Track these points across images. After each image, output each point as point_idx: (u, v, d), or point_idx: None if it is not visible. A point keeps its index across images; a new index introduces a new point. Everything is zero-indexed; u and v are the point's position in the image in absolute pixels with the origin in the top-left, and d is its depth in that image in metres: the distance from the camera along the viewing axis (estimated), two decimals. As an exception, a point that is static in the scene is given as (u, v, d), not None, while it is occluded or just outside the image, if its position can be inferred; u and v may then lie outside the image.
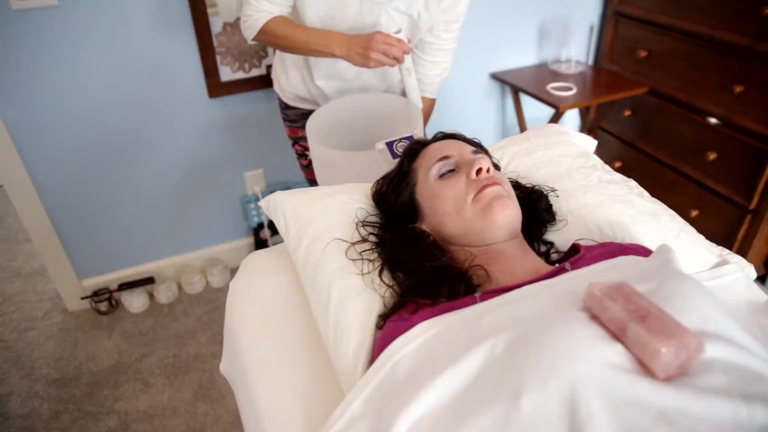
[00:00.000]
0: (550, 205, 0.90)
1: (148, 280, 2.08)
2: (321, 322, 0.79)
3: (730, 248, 1.98)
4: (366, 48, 1.14)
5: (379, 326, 0.73)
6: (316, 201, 0.93)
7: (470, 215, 0.77)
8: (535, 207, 0.88)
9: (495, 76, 2.24)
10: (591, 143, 1.17)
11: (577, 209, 0.90)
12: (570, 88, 2.04)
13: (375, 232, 0.85)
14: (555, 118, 2.05)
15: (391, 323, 0.69)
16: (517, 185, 0.92)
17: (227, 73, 1.87)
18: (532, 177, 0.98)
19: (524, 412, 0.52)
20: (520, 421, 0.52)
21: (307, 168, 1.60)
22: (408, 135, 1.07)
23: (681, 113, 2.05)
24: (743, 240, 1.94)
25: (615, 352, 0.54)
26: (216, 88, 1.87)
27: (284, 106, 1.58)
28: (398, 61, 1.16)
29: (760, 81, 1.75)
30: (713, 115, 1.94)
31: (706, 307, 0.59)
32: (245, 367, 0.84)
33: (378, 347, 0.68)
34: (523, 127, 2.28)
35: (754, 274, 0.93)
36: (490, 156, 0.90)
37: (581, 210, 0.89)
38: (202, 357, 1.85)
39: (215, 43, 1.80)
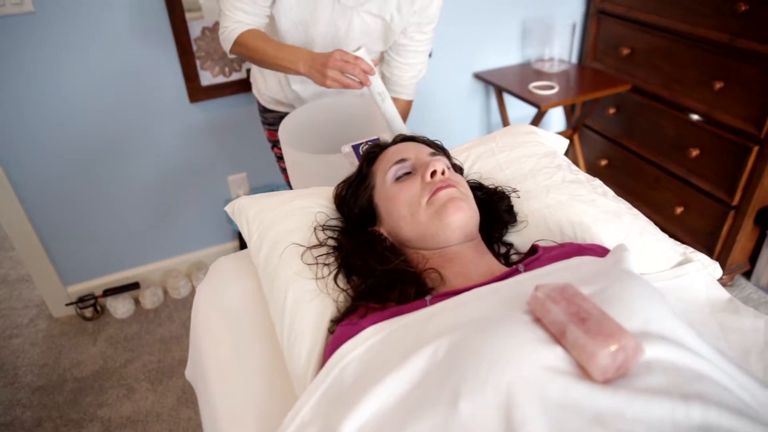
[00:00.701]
0: (511, 206, 0.90)
1: (133, 286, 2.08)
2: (278, 327, 0.79)
3: (714, 244, 1.99)
4: (324, 65, 1.08)
5: (331, 331, 0.73)
6: (279, 206, 0.93)
7: (424, 218, 0.77)
8: (496, 208, 0.88)
9: (478, 76, 2.24)
10: (561, 143, 1.17)
11: (539, 210, 0.90)
12: (552, 87, 2.04)
13: (334, 236, 0.85)
14: (537, 117, 2.04)
15: (341, 328, 0.69)
16: (479, 186, 0.92)
17: (207, 77, 1.87)
18: (495, 178, 0.98)
19: (462, 417, 0.52)
20: (457, 426, 0.52)
21: (286, 171, 1.60)
22: (374, 137, 1.07)
23: (664, 110, 2.05)
24: (727, 236, 1.94)
25: (554, 355, 0.54)
26: (196, 92, 1.87)
27: (262, 110, 1.58)
28: (362, 82, 1.09)
29: (739, 77, 1.75)
30: (695, 112, 1.94)
31: (651, 308, 0.59)
32: (205, 372, 0.84)
33: (328, 352, 0.68)
34: (507, 127, 2.28)
35: (718, 273, 0.93)
36: (450, 158, 0.90)
37: (543, 210, 0.89)
38: (186, 362, 1.84)
39: (194, 47, 1.80)
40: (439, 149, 0.89)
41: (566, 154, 2.69)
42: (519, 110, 2.37)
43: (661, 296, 0.63)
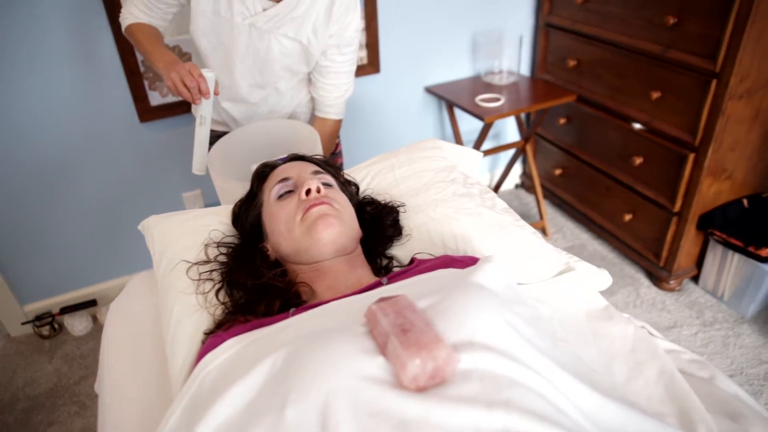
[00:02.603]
0: (397, 221, 0.94)
1: (91, 303, 2.10)
2: (165, 339, 0.83)
3: (660, 250, 2.02)
4: (172, 69, 1.14)
5: (204, 342, 0.76)
6: (180, 224, 0.97)
7: (298, 234, 0.80)
8: (382, 223, 0.91)
9: (429, 90, 2.29)
10: (472, 156, 1.20)
11: (424, 224, 0.93)
12: (498, 99, 2.08)
13: (225, 252, 0.88)
14: (484, 129, 2.09)
15: (209, 340, 0.73)
16: (371, 202, 0.95)
17: (156, 97, 1.91)
18: (391, 193, 1.01)
19: (287, 423, 0.55)
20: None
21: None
22: (283, 157, 1.10)
23: (609, 120, 2.10)
24: (672, 242, 1.97)
25: (375, 365, 0.57)
26: (146, 112, 1.91)
27: (201, 129, 1.62)
28: (192, 96, 1.14)
29: (673, 87, 1.80)
30: (637, 121, 1.98)
31: (480, 319, 0.62)
32: (103, 382, 0.87)
33: (196, 363, 0.71)
34: (458, 140, 2.31)
35: (605, 282, 0.95)
36: (338, 176, 0.93)
37: (428, 224, 0.93)
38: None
39: (142, 69, 1.85)
40: (329, 167, 0.93)
41: (523, 164, 2.72)
42: (471, 123, 2.42)
43: (502, 306, 0.66)
